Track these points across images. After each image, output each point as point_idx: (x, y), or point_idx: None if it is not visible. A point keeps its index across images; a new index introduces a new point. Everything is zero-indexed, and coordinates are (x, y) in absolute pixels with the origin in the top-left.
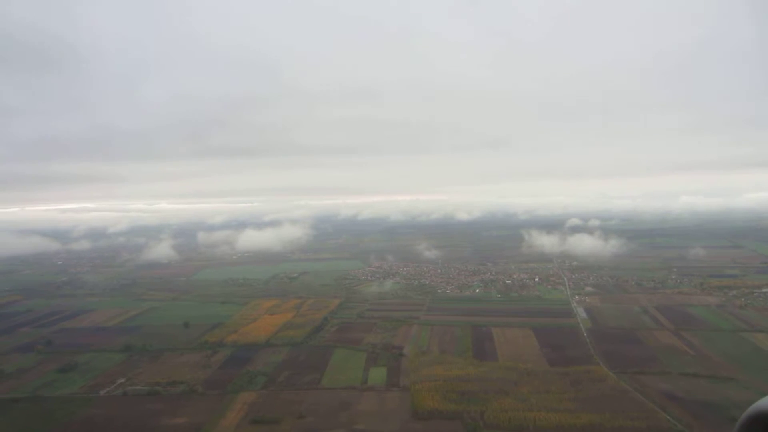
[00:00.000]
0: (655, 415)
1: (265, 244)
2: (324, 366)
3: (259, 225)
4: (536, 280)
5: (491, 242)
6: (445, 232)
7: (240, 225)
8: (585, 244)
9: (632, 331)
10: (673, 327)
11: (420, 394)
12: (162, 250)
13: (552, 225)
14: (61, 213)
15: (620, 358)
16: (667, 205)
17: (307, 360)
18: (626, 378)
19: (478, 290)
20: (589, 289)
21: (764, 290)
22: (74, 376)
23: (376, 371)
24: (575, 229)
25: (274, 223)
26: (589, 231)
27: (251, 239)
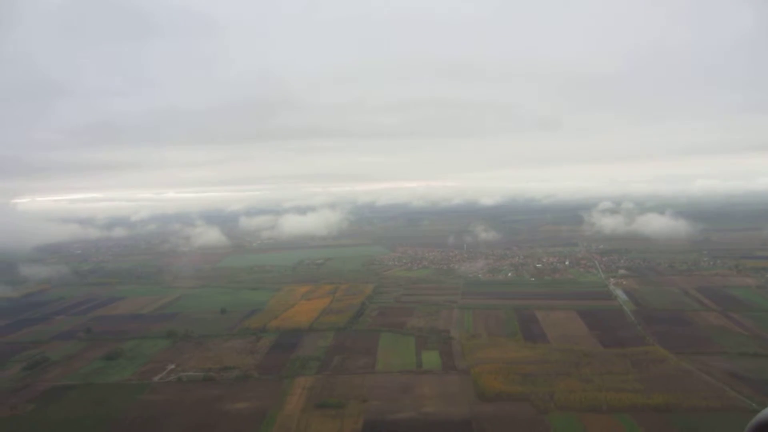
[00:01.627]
0: (726, 394)
1: (288, 230)
2: (374, 350)
3: (279, 212)
4: (566, 263)
5: (514, 227)
6: (467, 218)
7: (259, 213)
8: (610, 228)
9: (679, 313)
10: (720, 308)
11: (482, 377)
12: (182, 239)
13: (572, 209)
14: (70, 204)
15: (674, 339)
16: (685, 189)
17: (355, 344)
18: (686, 358)
19: (510, 274)
20: (622, 272)
21: None
22: (123, 363)
23: (429, 355)
24: (603, 213)
25: (294, 210)
26: (618, 214)
27: (273, 226)
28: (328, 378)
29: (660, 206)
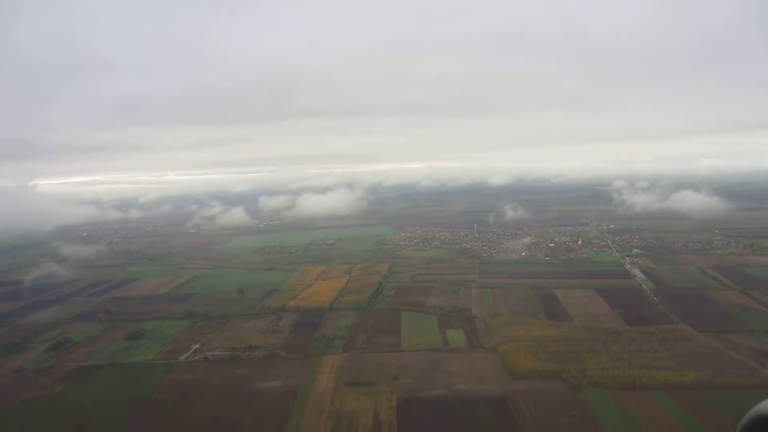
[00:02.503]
0: (758, 371)
1: (296, 212)
2: (397, 329)
3: (284, 194)
4: (579, 242)
5: (523, 207)
6: (475, 198)
7: (265, 194)
8: (620, 207)
9: (699, 291)
10: (739, 287)
11: (511, 355)
12: (189, 220)
13: (581, 189)
14: (73, 186)
15: (698, 317)
16: (691, 168)
17: (377, 323)
18: (713, 336)
19: (523, 254)
20: (636, 251)
21: None
22: (146, 343)
23: (454, 333)
24: (612, 192)
25: (300, 192)
26: (627, 194)
27: (282, 207)
28: (356, 356)
29: (668, 186)
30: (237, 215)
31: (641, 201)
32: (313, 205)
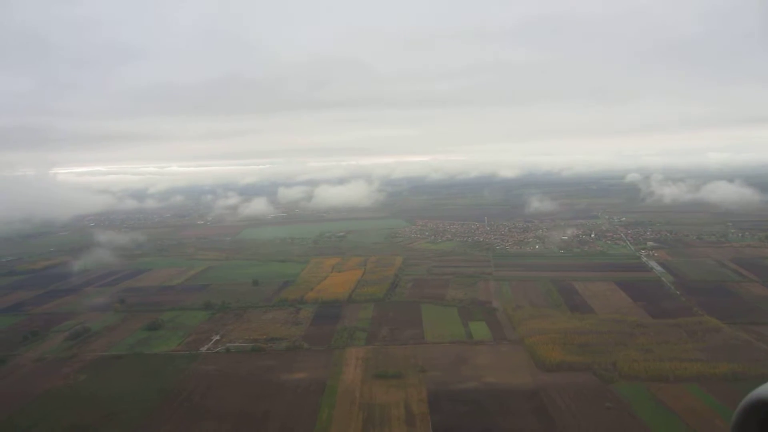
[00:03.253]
0: None
1: (304, 203)
2: (419, 321)
3: (292, 185)
4: (592, 235)
5: (527, 200)
6: (483, 191)
7: (273, 185)
8: (630, 200)
9: (720, 284)
10: (760, 279)
11: (538, 347)
12: (198, 211)
13: (589, 182)
14: (77, 177)
15: (722, 309)
16: (700, 161)
17: (398, 316)
18: (741, 329)
19: (537, 246)
20: (650, 244)
21: None
22: (165, 334)
23: (476, 326)
24: (623, 185)
25: (309, 184)
26: (638, 187)
27: (295, 199)
28: (380, 348)
29: (678, 179)
30: (257, 206)
31: (658, 193)
32: (323, 197)
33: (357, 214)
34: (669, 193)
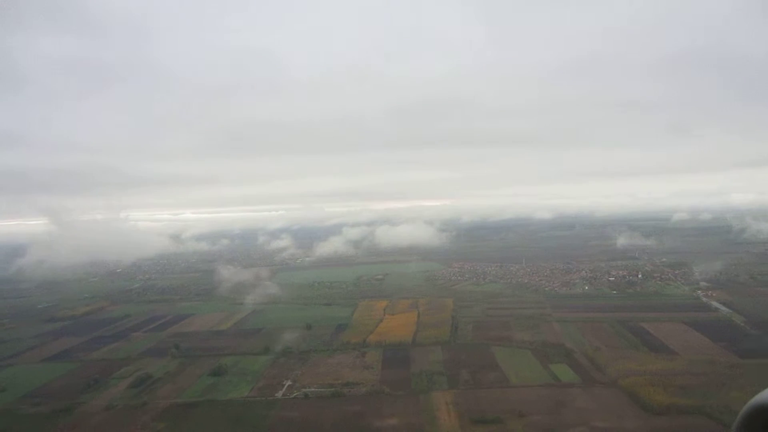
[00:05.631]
0: None
1: (332, 248)
2: (495, 364)
3: (322, 230)
4: (639, 276)
5: (562, 242)
6: (516, 233)
7: (302, 231)
8: (665, 241)
9: None
10: None
11: (638, 389)
12: (225, 256)
13: (607, 225)
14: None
15: None
16: (725, 202)
17: (470, 359)
18: None
19: (586, 287)
20: (704, 284)
21: None
22: (233, 380)
23: (558, 368)
24: (678, 225)
25: (340, 227)
26: (668, 228)
27: (321, 243)
28: (467, 393)
29: (708, 220)
30: (270, 252)
31: (669, 236)
32: (354, 241)
33: (387, 258)
34: (663, 237)
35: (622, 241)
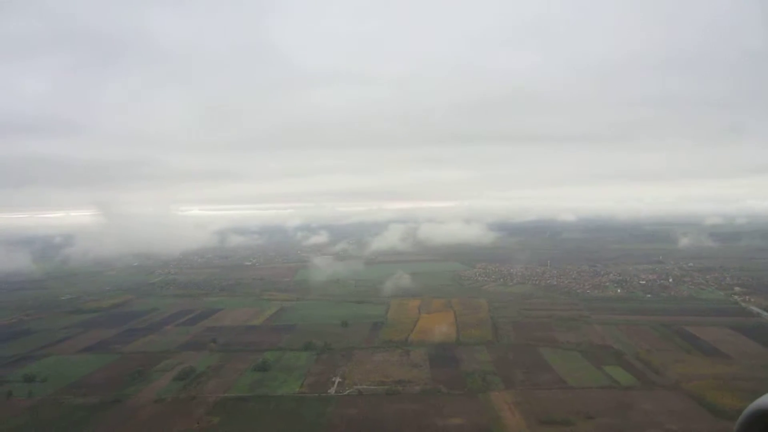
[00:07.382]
0: None
1: (356, 246)
2: (546, 365)
3: (338, 228)
4: (670, 280)
5: (582, 246)
6: (539, 234)
7: (320, 228)
8: (688, 245)
9: None
10: None
11: (705, 393)
12: (242, 252)
13: (627, 228)
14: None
15: None
16: (742, 208)
17: (519, 359)
18: None
19: (618, 291)
20: (738, 288)
21: None
22: (279, 375)
23: (613, 370)
24: (713, 230)
25: (357, 225)
26: (690, 233)
27: (337, 241)
28: (526, 393)
29: (726, 225)
30: (293, 248)
31: (693, 240)
32: (374, 240)
33: (408, 257)
34: (686, 241)
35: (644, 245)
